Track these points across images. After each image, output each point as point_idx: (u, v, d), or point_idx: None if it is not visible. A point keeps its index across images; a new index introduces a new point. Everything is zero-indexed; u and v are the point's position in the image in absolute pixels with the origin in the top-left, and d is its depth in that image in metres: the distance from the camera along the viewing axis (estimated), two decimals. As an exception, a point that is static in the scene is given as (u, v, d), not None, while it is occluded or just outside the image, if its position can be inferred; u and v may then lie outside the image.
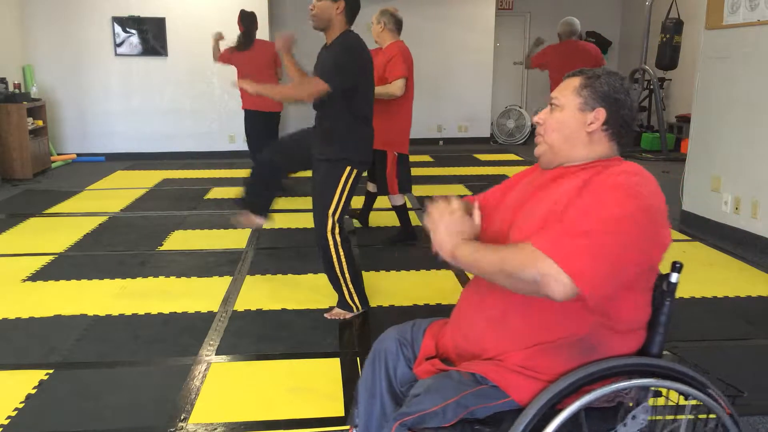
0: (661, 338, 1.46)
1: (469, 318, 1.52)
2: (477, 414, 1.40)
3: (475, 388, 1.40)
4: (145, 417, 2.38)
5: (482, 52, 9.63)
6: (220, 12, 8.19)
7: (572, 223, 1.31)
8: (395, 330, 1.69)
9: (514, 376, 1.40)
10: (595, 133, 1.49)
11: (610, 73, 1.51)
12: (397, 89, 4.24)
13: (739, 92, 4.54)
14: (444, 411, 1.38)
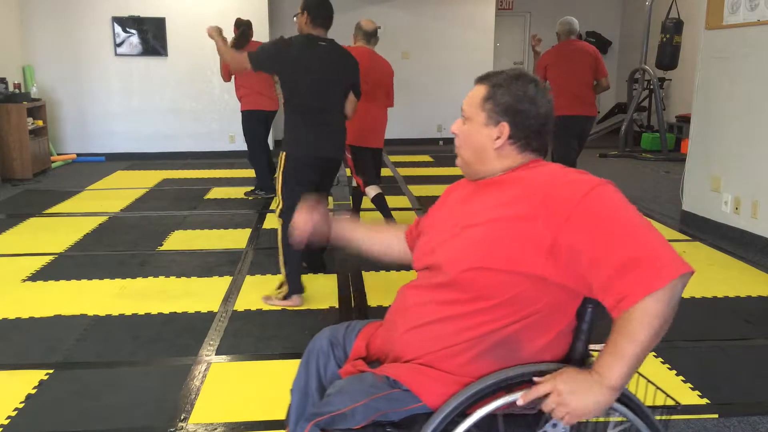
0: (582, 345, 1.41)
1: (395, 320, 1.51)
2: (389, 417, 1.39)
3: (387, 391, 1.39)
4: (145, 417, 2.38)
5: (482, 52, 9.63)
6: (220, 12, 8.18)
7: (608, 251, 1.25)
8: (329, 330, 1.68)
9: (428, 380, 1.38)
10: (503, 148, 1.45)
11: (514, 80, 1.45)
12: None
13: (738, 92, 4.54)
14: (353, 413, 1.37)
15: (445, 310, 1.41)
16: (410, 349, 1.44)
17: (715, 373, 2.72)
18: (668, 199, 5.89)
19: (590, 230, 1.27)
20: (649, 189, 6.47)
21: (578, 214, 1.28)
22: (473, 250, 1.37)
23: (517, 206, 1.36)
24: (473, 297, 1.37)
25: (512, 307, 1.35)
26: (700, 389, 2.58)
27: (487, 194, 1.46)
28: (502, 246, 1.34)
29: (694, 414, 2.40)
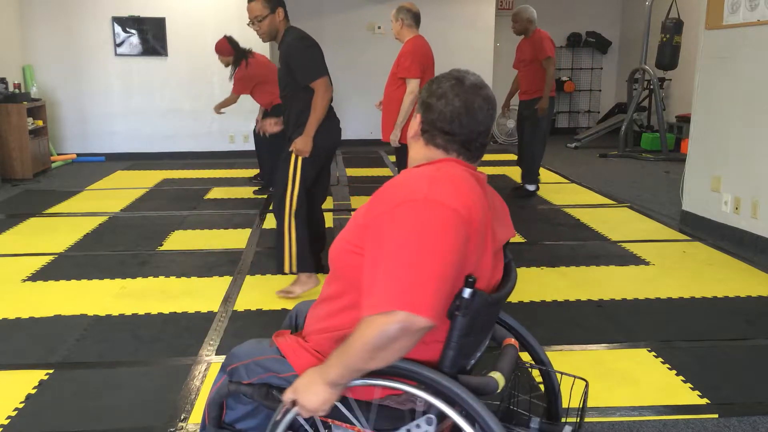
0: (453, 353, 1.35)
1: None
2: (271, 381, 1.53)
3: (267, 356, 1.56)
4: (145, 417, 2.38)
5: (482, 52, 9.63)
6: (220, 12, 8.20)
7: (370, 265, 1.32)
8: (302, 303, 1.86)
9: (302, 351, 1.50)
10: (414, 138, 1.53)
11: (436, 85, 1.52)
12: (411, 93, 4.33)
13: (739, 92, 4.54)
14: (246, 368, 1.59)
15: (328, 295, 1.53)
16: (306, 324, 1.61)
17: (715, 373, 2.72)
18: (668, 199, 5.89)
19: (378, 233, 1.32)
20: (649, 189, 6.47)
21: (385, 216, 1.34)
22: (343, 240, 1.45)
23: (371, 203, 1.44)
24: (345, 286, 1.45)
25: None
26: (700, 389, 2.58)
27: None
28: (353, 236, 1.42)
29: (694, 414, 2.40)
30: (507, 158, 8.50)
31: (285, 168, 3.45)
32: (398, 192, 1.38)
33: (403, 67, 4.33)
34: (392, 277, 1.25)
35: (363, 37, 9.25)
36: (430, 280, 1.24)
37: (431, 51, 4.47)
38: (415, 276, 1.24)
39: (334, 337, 1.44)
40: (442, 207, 1.31)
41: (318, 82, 3.30)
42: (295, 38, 3.39)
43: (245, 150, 8.41)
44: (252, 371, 1.57)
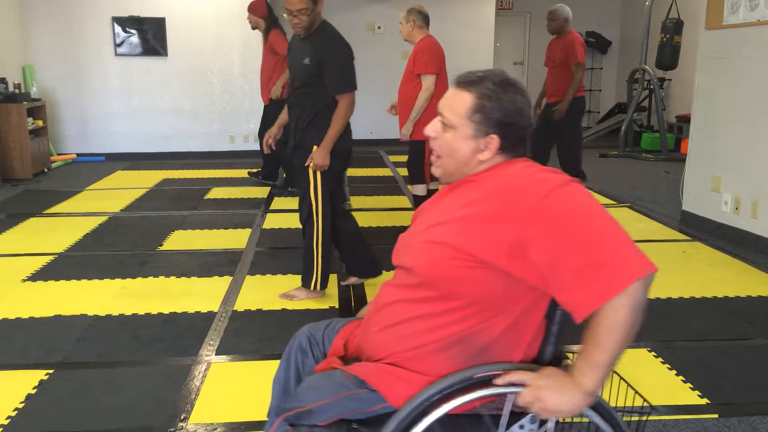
0: (552, 348, 1.40)
1: (370, 319, 1.52)
2: (355, 416, 1.40)
3: (354, 390, 1.40)
4: (145, 417, 2.38)
5: (482, 52, 9.63)
6: (220, 12, 8.20)
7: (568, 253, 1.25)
8: (308, 327, 1.70)
9: (393, 380, 1.39)
10: (488, 159, 1.45)
11: (502, 90, 1.42)
12: (427, 90, 4.39)
13: (739, 92, 4.54)
14: (319, 410, 1.39)
15: (414, 309, 1.41)
16: (380, 348, 1.45)
17: (715, 373, 2.72)
18: (668, 199, 5.89)
19: (552, 231, 1.26)
20: (649, 189, 6.47)
21: (541, 214, 1.28)
22: (440, 248, 1.37)
23: (481, 205, 1.36)
24: (442, 295, 1.37)
25: (479, 306, 1.36)
26: (700, 389, 2.58)
27: (457, 194, 1.47)
28: (466, 243, 1.34)
29: (694, 414, 2.40)
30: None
31: (305, 183, 3.33)
32: (530, 191, 1.32)
33: (420, 64, 4.38)
34: (603, 255, 1.23)
35: (363, 37, 9.23)
36: (629, 240, 1.26)
37: (443, 50, 4.51)
38: (619, 242, 1.24)
39: (433, 350, 1.38)
40: (577, 183, 1.33)
41: (346, 96, 3.21)
42: (335, 40, 3.26)
43: (245, 150, 8.41)
44: (332, 410, 1.40)
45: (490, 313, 1.36)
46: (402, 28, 4.54)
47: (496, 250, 1.30)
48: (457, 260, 1.34)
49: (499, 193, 1.35)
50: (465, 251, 1.33)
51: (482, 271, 1.32)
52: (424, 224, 1.50)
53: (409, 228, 1.61)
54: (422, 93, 4.39)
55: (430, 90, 4.38)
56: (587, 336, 1.25)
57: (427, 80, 4.38)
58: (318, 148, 3.24)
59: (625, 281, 1.20)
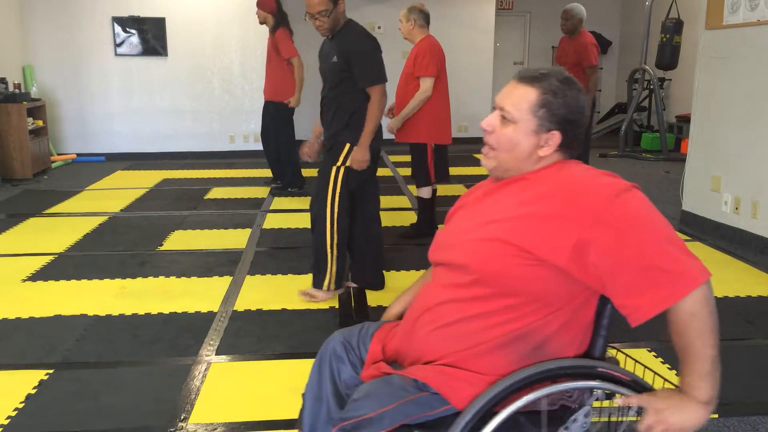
0: (603, 341, 1.44)
1: (416, 320, 1.50)
2: (418, 420, 1.38)
3: (415, 395, 1.38)
4: (145, 417, 2.38)
5: (482, 52, 9.63)
6: (220, 12, 8.20)
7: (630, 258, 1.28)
8: (341, 333, 1.66)
9: (454, 381, 1.38)
10: (547, 156, 1.45)
11: (567, 88, 1.42)
12: (425, 91, 4.38)
13: (739, 92, 4.54)
14: (381, 417, 1.35)
15: (470, 308, 1.40)
16: (434, 349, 1.43)
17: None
18: (668, 199, 5.89)
19: (615, 235, 1.28)
20: (649, 189, 6.46)
21: (605, 217, 1.29)
22: (498, 246, 1.37)
23: (542, 204, 1.36)
24: (499, 293, 1.37)
25: (537, 304, 1.36)
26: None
27: (510, 191, 1.46)
28: (527, 241, 1.34)
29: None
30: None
31: (324, 180, 3.31)
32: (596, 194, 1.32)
33: (421, 65, 4.36)
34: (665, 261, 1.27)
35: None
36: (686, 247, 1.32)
37: (443, 52, 4.50)
38: (679, 249, 1.29)
39: (491, 348, 1.38)
40: (638, 188, 1.35)
41: (376, 88, 3.21)
42: (360, 35, 3.26)
43: (245, 150, 8.42)
44: (395, 416, 1.36)
45: (547, 310, 1.37)
46: (402, 26, 4.50)
47: (556, 250, 1.31)
48: (517, 258, 1.34)
49: (561, 194, 1.36)
50: (525, 249, 1.34)
51: (541, 269, 1.33)
52: (472, 221, 1.48)
53: (448, 226, 1.60)
54: (419, 94, 4.37)
55: (428, 93, 4.36)
56: (680, 351, 1.30)
57: (425, 83, 4.36)
58: (357, 146, 3.24)
59: (689, 285, 1.26)
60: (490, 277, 1.37)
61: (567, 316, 1.37)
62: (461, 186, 6.50)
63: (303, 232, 4.88)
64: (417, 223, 4.77)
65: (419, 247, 4.49)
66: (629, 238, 1.27)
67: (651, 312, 1.26)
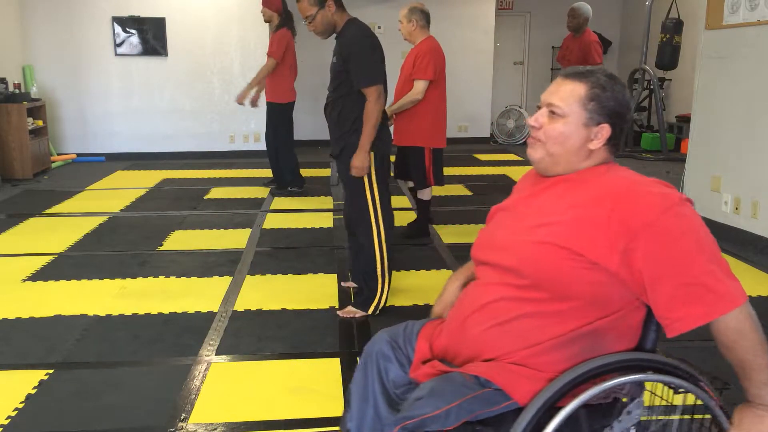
0: (654, 335, 1.47)
1: (465, 320, 1.50)
2: (481, 416, 1.39)
3: (478, 391, 1.39)
4: (145, 417, 2.39)
5: (482, 52, 9.63)
6: (220, 12, 8.19)
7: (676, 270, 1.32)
8: (386, 332, 1.67)
9: (516, 378, 1.39)
10: (598, 149, 1.47)
11: (613, 83, 1.47)
12: (417, 93, 4.36)
13: (739, 92, 4.54)
14: (447, 415, 1.36)
15: (524, 307, 1.42)
16: (492, 346, 1.45)
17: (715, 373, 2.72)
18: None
19: (663, 246, 1.31)
20: (649, 189, 6.45)
21: (656, 227, 1.32)
22: (551, 249, 1.39)
23: (594, 208, 1.38)
24: (553, 296, 1.39)
25: (591, 307, 1.38)
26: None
27: (559, 193, 1.47)
28: (579, 244, 1.36)
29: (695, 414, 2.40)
30: (507, 158, 8.51)
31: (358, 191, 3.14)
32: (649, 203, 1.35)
33: (420, 68, 4.33)
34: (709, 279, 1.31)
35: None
36: (729, 268, 1.35)
37: (444, 55, 4.48)
38: (723, 268, 1.33)
39: (550, 347, 1.40)
40: (690, 202, 1.38)
41: (372, 89, 3.04)
42: (357, 34, 3.12)
43: (245, 150, 8.41)
44: (459, 413, 1.38)
45: (603, 312, 1.39)
46: (402, 27, 4.47)
47: (607, 254, 1.34)
48: (571, 261, 1.36)
49: (613, 198, 1.37)
50: (578, 252, 1.36)
51: (595, 272, 1.35)
52: (522, 223, 1.49)
53: (491, 226, 1.62)
54: (410, 95, 4.35)
55: (420, 95, 4.33)
56: (736, 366, 1.35)
57: (419, 85, 4.33)
58: (357, 151, 3.08)
59: (728, 305, 1.30)
60: (545, 280, 1.39)
61: (621, 317, 1.40)
62: (461, 186, 6.50)
63: (303, 232, 4.88)
64: (416, 222, 4.76)
65: (419, 247, 4.50)
66: (676, 252, 1.31)
67: (689, 326, 1.32)
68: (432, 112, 4.45)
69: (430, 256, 4.30)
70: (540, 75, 10.76)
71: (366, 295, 3.28)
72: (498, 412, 1.39)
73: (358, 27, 3.17)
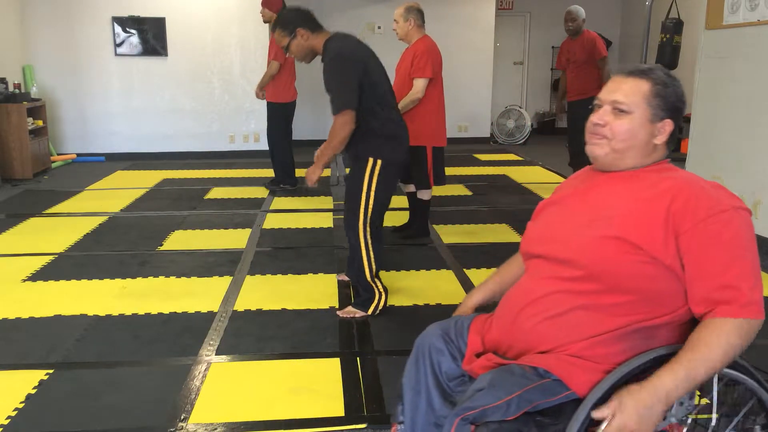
0: None
1: (518, 313, 1.53)
2: (540, 407, 1.43)
3: (538, 382, 1.42)
4: (145, 417, 2.39)
5: (482, 52, 9.63)
6: (220, 12, 8.19)
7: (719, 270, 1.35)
8: (438, 326, 1.70)
9: (575, 369, 1.42)
10: (660, 144, 1.53)
11: (672, 79, 1.51)
12: (417, 92, 4.36)
13: (739, 92, 4.54)
14: (508, 405, 1.40)
15: (579, 300, 1.45)
16: (548, 339, 1.47)
17: (715, 373, 2.72)
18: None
19: (709, 245, 1.35)
20: (649, 189, 6.46)
21: (706, 226, 1.36)
22: (613, 243, 1.42)
23: (654, 204, 1.42)
24: (609, 288, 1.42)
25: (648, 302, 1.41)
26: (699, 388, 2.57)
27: (618, 188, 1.51)
28: (639, 238, 1.39)
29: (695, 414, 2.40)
30: (507, 158, 8.51)
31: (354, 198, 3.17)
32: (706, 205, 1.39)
33: (418, 67, 4.32)
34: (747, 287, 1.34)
35: (363, 37, 9.24)
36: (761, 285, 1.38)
37: (440, 54, 4.48)
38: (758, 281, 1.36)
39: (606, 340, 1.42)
40: (747, 213, 1.41)
41: (337, 116, 3.00)
42: (330, 57, 3.07)
43: (245, 150, 8.42)
44: (520, 403, 1.41)
45: (658, 308, 1.42)
46: (398, 26, 4.44)
47: (664, 249, 1.38)
48: (631, 255, 1.39)
49: (671, 195, 1.41)
50: (638, 246, 1.39)
51: (653, 267, 1.39)
52: (580, 217, 1.51)
53: (543, 219, 1.65)
54: (411, 94, 4.34)
55: (420, 94, 4.33)
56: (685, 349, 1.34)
57: (419, 83, 4.33)
58: (312, 165, 3.15)
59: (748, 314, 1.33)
60: (603, 273, 1.42)
61: (675, 313, 1.42)
62: (461, 186, 6.50)
63: (303, 232, 4.88)
64: (412, 223, 4.75)
65: (419, 247, 4.50)
66: (721, 253, 1.35)
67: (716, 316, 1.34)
68: (434, 111, 4.46)
69: (430, 256, 4.30)
70: (540, 75, 10.76)
71: (364, 297, 3.30)
72: (557, 403, 1.43)
73: (333, 48, 3.09)
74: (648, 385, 1.31)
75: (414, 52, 4.37)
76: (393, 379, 2.66)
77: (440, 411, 1.59)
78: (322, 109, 9.31)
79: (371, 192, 3.16)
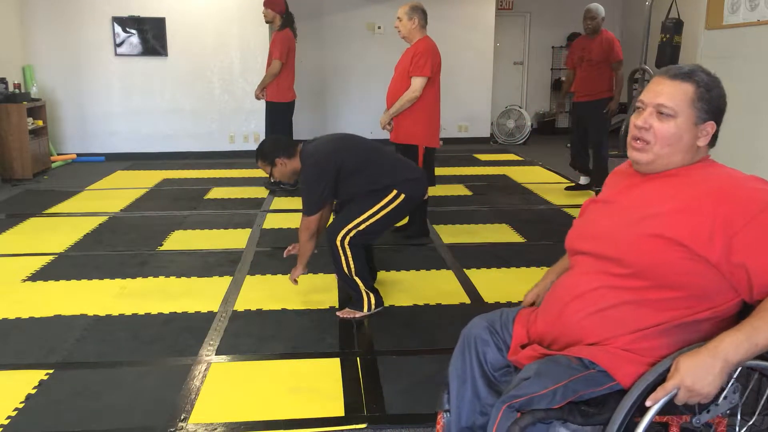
0: None
1: (564, 308, 1.56)
2: (584, 396, 1.45)
3: (584, 372, 1.45)
4: (145, 417, 2.39)
5: (482, 52, 9.63)
6: (220, 12, 8.19)
7: None
8: (484, 318, 1.75)
9: (620, 361, 1.44)
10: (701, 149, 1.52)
11: (716, 80, 1.52)
12: (414, 91, 4.35)
13: (739, 92, 4.53)
14: (554, 393, 1.43)
15: (624, 295, 1.47)
16: (592, 332, 1.50)
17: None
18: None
19: (761, 239, 1.36)
20: (649, 189, 6.45)
21: (757, 222, 1.36)
22: (658, 241, 1.43)
23: (698, 202, 1.42)
24: (655, 285, 1.44)
25: (693, 299, 1.42)
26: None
27: (663, 186, 1.52)
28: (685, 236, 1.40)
29: (694, 414, 2.40)
30: (507, 158, 8.50)
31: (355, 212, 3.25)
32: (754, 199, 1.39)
33: (418, 65, 4.32)
34: None
35: (363, 37, 9.24)
36: None
37: (440, 55, 4.49)
38: None
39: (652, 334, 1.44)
40: None
41: (302, 218, 3.21)
42: (304, 171, 3.23)
43: (245, 150, 8.40)
44: (566, 392, 1.44)
45: (702, 304, 1.43)
46: (402, 25, 4.44)
47: (710, 247, 1.38)
48: (676, 253, 1.41)
49: (717, 193, 1.42)
50: (683, 244, 1.40)
51: (698, 264, 1.40)
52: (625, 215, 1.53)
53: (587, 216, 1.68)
54: (408, 93, 4.34)
55: (418, 92, 4.33)
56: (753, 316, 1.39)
57: (417, 82, 4.33)
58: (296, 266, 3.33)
59: None
60: (649, 271, 1.44)
61: (721, 305, 1.44)
62: (461, 186, 6.50)
63: (303, 232, 4.88)
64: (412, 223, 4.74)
65: (419, 247, 4.50)
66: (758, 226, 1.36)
67: None
68: (428, 112, 4.46)
69: (430, 256, 4.30)
70: (540, 75, 10.76)
71: (355, 297, 3.33)
72: (602, 393, 1.45)
73: (307, 164, 3.21)
74: (708, 345, 1.32)
75: (414, 51, 4.38)
76: (393, 378, 2.67)
77: (486, 399, 1.64)
78: (322, 110, 9.32)
79: (377, 215, 3.23)
